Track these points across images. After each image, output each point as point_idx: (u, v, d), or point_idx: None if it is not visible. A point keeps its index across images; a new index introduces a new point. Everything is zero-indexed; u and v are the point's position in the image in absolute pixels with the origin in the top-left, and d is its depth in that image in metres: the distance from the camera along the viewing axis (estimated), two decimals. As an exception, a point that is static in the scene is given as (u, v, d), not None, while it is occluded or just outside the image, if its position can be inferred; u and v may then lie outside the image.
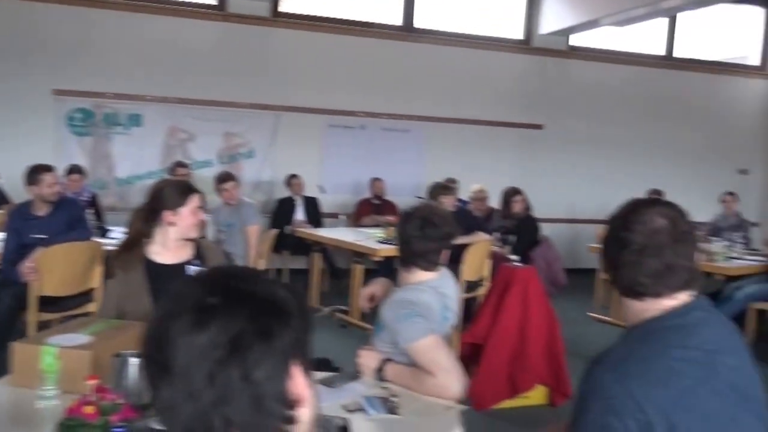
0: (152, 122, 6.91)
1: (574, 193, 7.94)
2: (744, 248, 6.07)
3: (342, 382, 2.06)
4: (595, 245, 6.02)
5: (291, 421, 0.74)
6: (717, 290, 5.50)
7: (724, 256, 5.44)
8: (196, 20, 6.90)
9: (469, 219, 5.62)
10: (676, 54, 8.66)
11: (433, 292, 2.15)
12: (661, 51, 8.62)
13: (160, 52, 6.83)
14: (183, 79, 6.90)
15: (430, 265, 2.17)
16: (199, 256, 2.42)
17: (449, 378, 1.95)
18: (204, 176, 6.61)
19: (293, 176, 6.89)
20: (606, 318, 5.73)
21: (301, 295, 0.80)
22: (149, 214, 2.33)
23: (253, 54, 7.10)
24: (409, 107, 7.55)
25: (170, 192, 2.33)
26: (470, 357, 3.99)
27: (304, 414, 0.76)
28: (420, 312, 2.05)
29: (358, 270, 5.38)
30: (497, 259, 5.09)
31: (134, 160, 6.91)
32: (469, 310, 4.93)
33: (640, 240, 1.31)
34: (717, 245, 5.66)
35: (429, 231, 2.13)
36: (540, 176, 7.89)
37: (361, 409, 1.86)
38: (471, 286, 5.16)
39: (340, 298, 5.88)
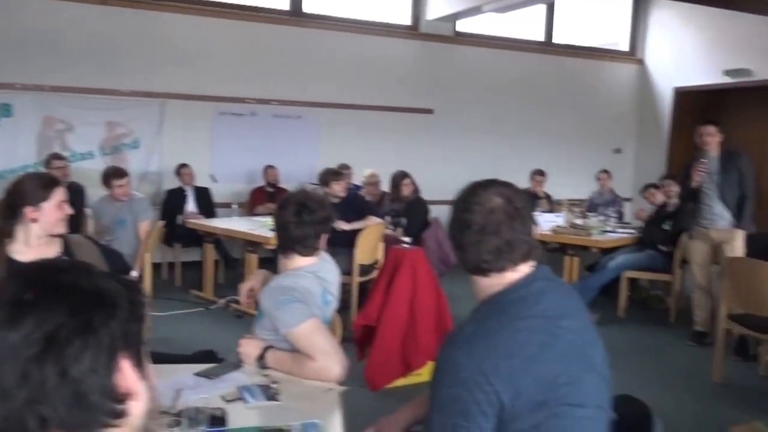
0: (24, 112, 6.45)
1: (464, 175, 7.91)
2: (617, 222, 6.49)
3: (223, 372, 2.05)
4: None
5: (119, 415, 0.73)
6: (594, 262, 5.89)
7: (599, 230, 5.81)
8: (70, 2, 6.48)
9: (361, 204, 5.69)
10: (555, 40, 9.07)
11: (313, 278, 2.17)
12: (541, 37, 9.01)
13: (31, 36, 6.37)
14: (58, 66, 6.48)
15: (308, 251, 2.18)
16: (67, 253, 2.31)
17: (329, 360, 1.98)
18: (85, 168, 6.28)
19: (183, 166, 6.67)
20: (495, 294, 5.95)
21: (132, 287, 0.79)
22: (8, 211, 2.19)
23: (134, 38, 6.77)
24: (300, 93, 7.49)
25: (31, 186, 2.21)
26: (364, 339, 4.06)
27: (135, 407, 0.75)
28: (299, 297, 2.06)
29: (252, 259, 5.33)
30: (390, 242, 5.18)
31: (6, 153, 6.43)
32: (364, 294, 5.01)
33: (479, 220, 1.38)
34: (593, 220, 6.04)
35: (305, 216, 2.14)
36: (431, 159, 8.06)
37: (240, 399, 1.86)
38: (365, 269, 5.24)
39: (234, 289, 5.76)
